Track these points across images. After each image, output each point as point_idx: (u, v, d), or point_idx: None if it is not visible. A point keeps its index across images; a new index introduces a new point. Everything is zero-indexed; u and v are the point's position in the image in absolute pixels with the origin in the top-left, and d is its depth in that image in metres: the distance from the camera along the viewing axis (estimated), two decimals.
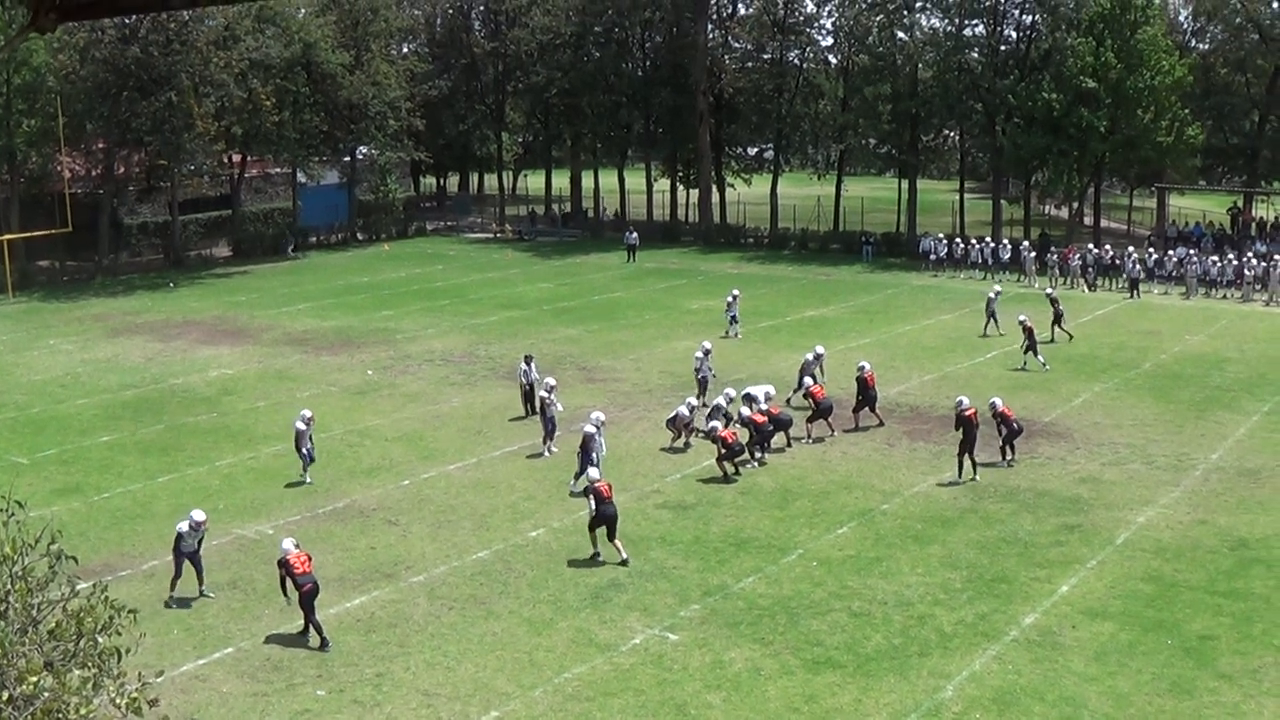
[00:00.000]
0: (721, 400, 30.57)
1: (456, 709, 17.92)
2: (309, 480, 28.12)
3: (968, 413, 27.85)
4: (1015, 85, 63.06)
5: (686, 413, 30.76)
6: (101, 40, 58.63)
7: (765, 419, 29.57)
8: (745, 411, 29.77)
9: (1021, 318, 39.60)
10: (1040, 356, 38.38)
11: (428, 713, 17.83)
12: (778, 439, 30.17)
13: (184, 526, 21.86)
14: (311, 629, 20.06)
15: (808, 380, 32.84)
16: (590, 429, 27.26)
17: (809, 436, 31.01)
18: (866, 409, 32.12)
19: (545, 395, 30.58)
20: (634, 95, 79.22)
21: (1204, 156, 70.11)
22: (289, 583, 20.21)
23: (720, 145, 78.13)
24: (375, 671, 19.11)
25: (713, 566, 23.19)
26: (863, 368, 32.46)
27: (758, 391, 31.24)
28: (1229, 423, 32.63)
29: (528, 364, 34.03)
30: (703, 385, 34.01)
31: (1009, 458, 28.89)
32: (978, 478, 27.76)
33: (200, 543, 22.10)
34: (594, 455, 26.90)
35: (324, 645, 19.85)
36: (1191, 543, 24.11)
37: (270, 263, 65.53)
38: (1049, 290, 47.30)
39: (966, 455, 27.81)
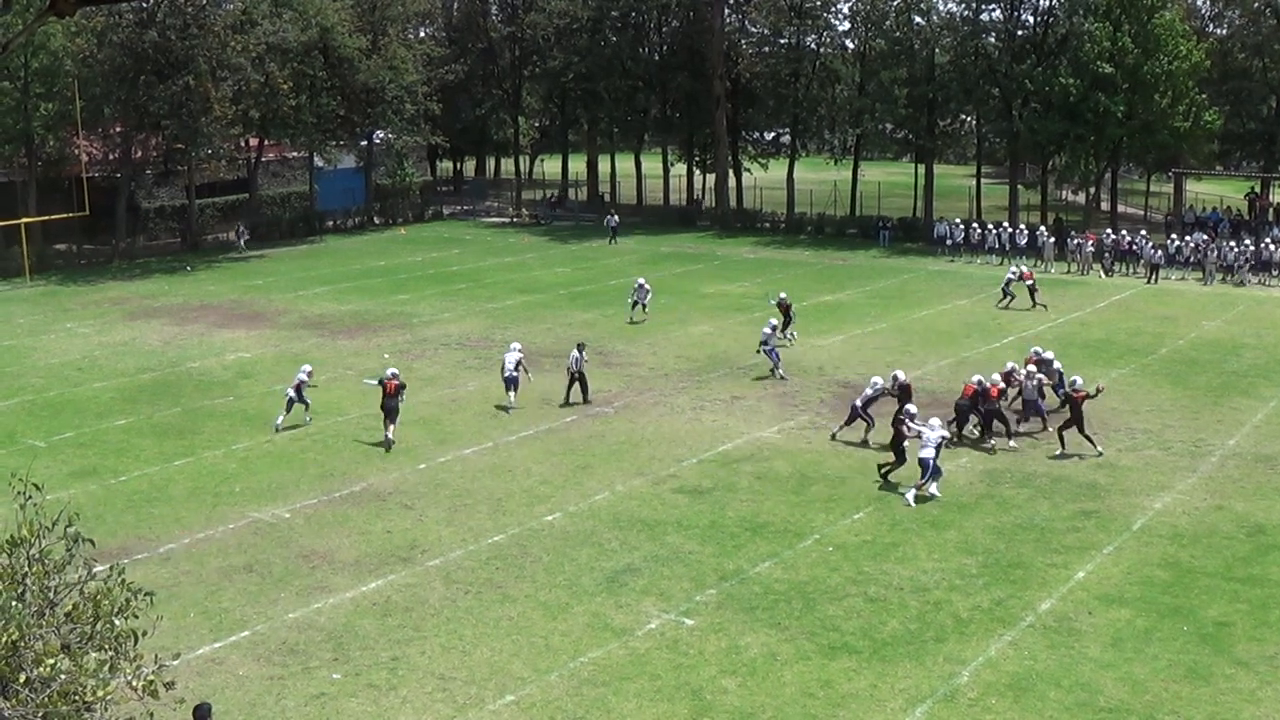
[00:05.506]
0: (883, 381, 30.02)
1: (472, 693, 17.96)
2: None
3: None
4: (1032, 70, 62.86)
5: (885, 385, 29.74)
6: (119, 24, 58.70)
7: (999, 392, 29.84)
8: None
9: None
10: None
11: (443, 696, 17.87)
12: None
13: (303, 375, 30.99)
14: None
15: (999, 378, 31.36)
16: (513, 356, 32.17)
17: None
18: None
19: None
20: (650, 80, 79.19)
21: (1221, 142, 69.88)
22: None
23: (737, 130, 78.05)
24: (391, 655, 19.15)
25: (729, 551, 23.20)
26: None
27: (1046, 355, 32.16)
28: (1246, 409, 32.52)
29: (580, 351, 33.75)
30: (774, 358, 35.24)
31: (989, 438, 29.20)
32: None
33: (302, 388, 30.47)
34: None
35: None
36: (1208, 529, 24.05)
37: (287, 246, 65.62)
38: (1014, 268, 47.34)
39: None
